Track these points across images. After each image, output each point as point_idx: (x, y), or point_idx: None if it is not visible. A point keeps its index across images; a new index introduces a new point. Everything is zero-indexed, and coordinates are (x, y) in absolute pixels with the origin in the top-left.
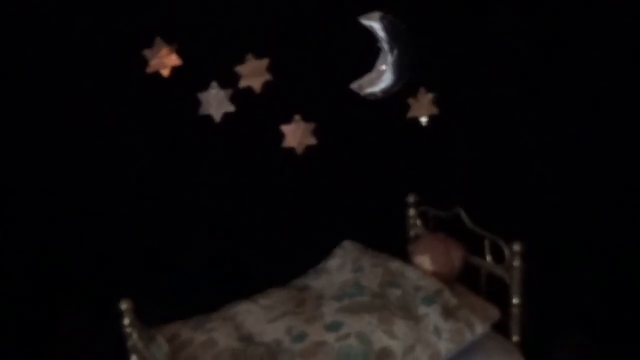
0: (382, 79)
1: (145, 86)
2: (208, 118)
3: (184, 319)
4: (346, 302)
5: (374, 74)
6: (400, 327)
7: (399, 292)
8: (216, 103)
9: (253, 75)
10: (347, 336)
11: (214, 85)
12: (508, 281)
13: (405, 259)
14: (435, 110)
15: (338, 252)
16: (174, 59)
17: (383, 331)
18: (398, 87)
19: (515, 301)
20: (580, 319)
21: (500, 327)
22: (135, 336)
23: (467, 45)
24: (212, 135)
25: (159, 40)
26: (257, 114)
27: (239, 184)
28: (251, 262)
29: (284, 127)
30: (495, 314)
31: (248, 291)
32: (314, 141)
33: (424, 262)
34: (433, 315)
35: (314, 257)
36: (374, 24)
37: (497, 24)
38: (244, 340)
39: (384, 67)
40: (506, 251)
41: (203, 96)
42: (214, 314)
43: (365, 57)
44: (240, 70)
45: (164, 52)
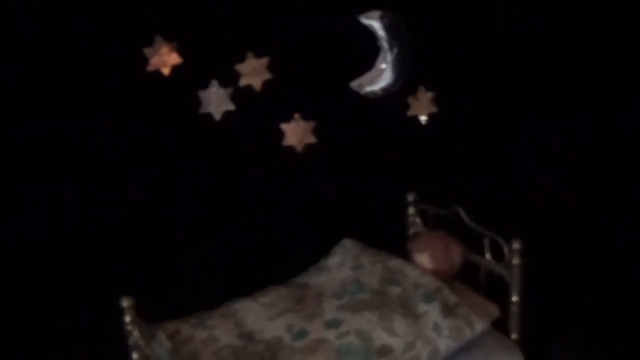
0: (382, 77)
1: (146, 84)
2: (208, 116)
3: (185, 316)
4: (346, 299)
5: (373, 73)
6: (400, 324)
7: (399, 290)
8: (216, 101)
9: (253, 74)
10: (347, 333)
11: (214, 83)
12: (507, 279)
13: (405, 256)
14: (434, 109)
15: (338, 249)
16: (174, 57)
17: (383, 328)
18: (397, 86)
19: (514, 299)
20: (579, 317)
21: (499, 324)
22: (136, 333)
23: (467, 44)
24: (212, 133)
25: (159, 39)
26: (257, 112)
27: (239, 182)
28: (251, 260)
29: (283, 126)
30: (494, 311)
31: (248, 289)
32: (313, 139)
33: (424, 259)
34: (432, 312)
35: (313, 254)
36: (373, 22)
37: (497, 22)
38: (244, 337)
39: (383, 66)
40: (505, 249)
41: (203, 94)
42: (214, 311)
43: (364, 56)
44: (240, 68)
45: (164, 50)
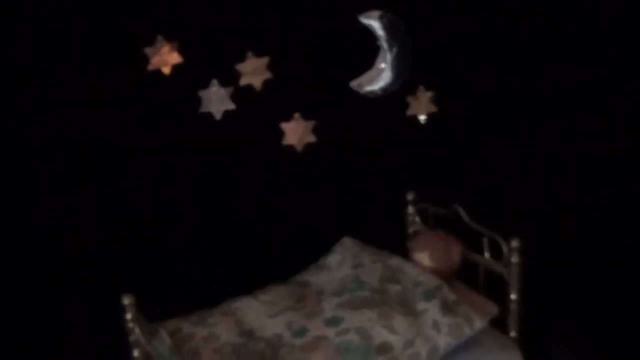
0: (381, 77)
1: (146, 83)
2: (208, 115)
3: (185, 314)
4: (346, 297)
5: (373, 72)
6: (400, 322)
7: (399, 288)
8: (216, 101)
9: (253, 73)
10: (347, 331)
11: (215, 82)
12: (506, 277)
13: (405, 255)
14: (434, 108)
15: (338, 248)
16: (174, 57)
17: (382, 326)
18: (397, 85)
19: (512, 297)
20: (577, 315)
21: (498, 322)
22: (138, 331)
23: (466, 44)
24: (213, 132)
25: (160, 38)
26: (257, 111)
27: (239, 181)
28: (251, 259)
29: (283, 125)
30: (493, 309)
31: (248, 287)
32: (313, 139)
33: (423, 258)
34: (432, 310)
35: (313, 253)
36: (373, 22)
37: (496, 22)
38: (244, 335)
39: (383, 65)
40: (504, 248)
41: (203, 94)
42: (215, 309)
43: (364, 55)
44: (241, 68)
45: (165, 49)
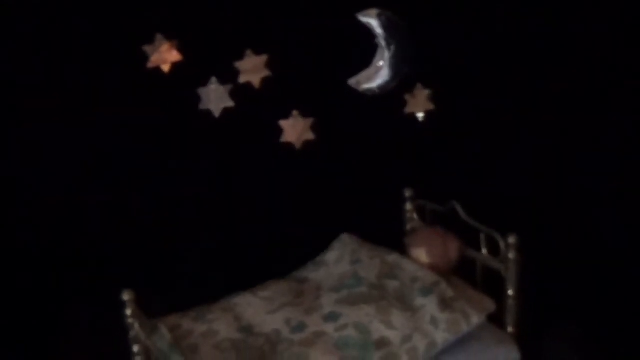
0: (379, 74)
1: (146, 81)
2: (207, 113)
3: (185, 310)
4: (344, 293)
5: (371, 70)
6: (398, 318)
7: (397, 284)
8: (215, 98)
9: (252, 71)
10: (346, 326)
11: (214, 80)
12: (503, 273)
13: (403, 251)
14: (431, 106)
15: (336, 245)
16: (174, 55)
17: (381, 321)
18: (395, 83)
19: (510, 293)
20: (574, 310)
21: (496, 318)
22: (137, 326)
23: (463, 42)
24: (212, 130)
25: (159, 37)
26: (256, 109)
27: (237, 178)
28: (250, 255)
29: (282, 122)
30: (491, 305)
31: (247, 283)
32: (312, 136)
33: (421, 254)
34: (430, 305)
35: (312, 250)
36: (371, 20)
37: (494, 20)
38: (243, 331)
39: (381, 63)
40: (501, 244)
41: (203, 91)
42: (214, 305)
43: (362, 54)
44: (240, 66)
45: (165, 47)
